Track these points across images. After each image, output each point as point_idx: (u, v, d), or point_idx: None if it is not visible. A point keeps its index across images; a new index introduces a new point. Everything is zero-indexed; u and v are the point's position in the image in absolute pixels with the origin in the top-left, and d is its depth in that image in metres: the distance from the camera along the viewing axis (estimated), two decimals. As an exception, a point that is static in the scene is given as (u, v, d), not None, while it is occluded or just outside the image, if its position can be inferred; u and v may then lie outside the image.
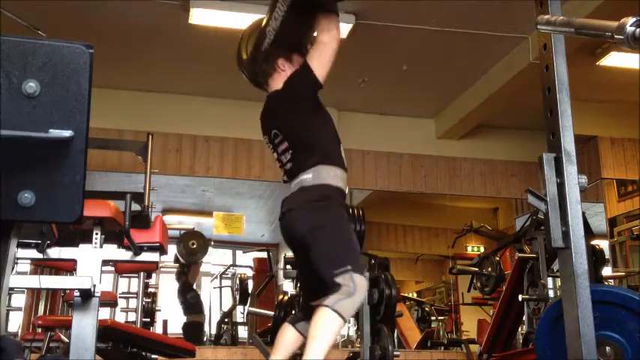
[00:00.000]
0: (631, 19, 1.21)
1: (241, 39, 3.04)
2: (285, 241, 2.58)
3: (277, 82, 2.73)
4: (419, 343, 6.76)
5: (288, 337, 2.50)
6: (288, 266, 4.89)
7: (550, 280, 4.74)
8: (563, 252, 1.63)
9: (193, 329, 6.69)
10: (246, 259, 7.38)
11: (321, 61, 2.57)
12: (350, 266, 2.29)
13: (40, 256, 2.53)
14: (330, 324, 2.22)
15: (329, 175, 2.51)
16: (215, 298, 7.14)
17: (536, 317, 4.61)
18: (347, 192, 2.63)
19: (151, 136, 5.36)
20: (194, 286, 6.94)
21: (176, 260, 6.80)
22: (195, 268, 6.91)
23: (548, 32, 1.68)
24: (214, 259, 7.18)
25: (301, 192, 2.52)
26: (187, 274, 6.86)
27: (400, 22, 4.96)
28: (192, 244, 6.54)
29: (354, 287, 2.26)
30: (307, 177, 2.51)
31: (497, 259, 5.44)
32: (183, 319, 6.76)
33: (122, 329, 3.24)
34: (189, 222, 7.03)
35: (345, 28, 4.92)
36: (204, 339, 6.82)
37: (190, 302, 6.78)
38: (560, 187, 1.64)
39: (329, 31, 2.56)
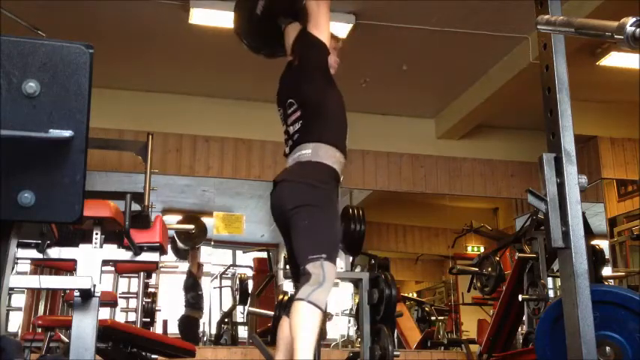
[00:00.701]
0: (631, 19, 1.21)
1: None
2: (273, 212, 2.60)
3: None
4: (419, 343, 6.76)
5: (284, 330, 2.50)
6: (288, 266, 4.89)
7: (550, 280, 4.75)
8: (563, 252, 1.63)
9: (188, 324, 6.73)
10: (246, 259, 7.38)
11: (318, 28, 2.64)
12: (325, 254, 2.33)
13: (40, 256, 2.53)
14: (309, 317, 2.24)
15: (327, 155, 2.53)
16: (215, 298, 7.14)
17: (536, 317, 4.61)
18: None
19: (151, 136, 5.36)
20: (200, 282, 6.97)
21: (176, 252, 6.86)
22: (193, 254, 6.94)
23: (548, 32, 1.68)
24: (214, 259, 7.18)
25: (296, 166, 2.55)
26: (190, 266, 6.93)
27: (400, 22, 4.96)
28: (192, 229, 6.59)
29: (323, 276, 2.29)
30: (306, 152, 2.54)
31: (497, 259, 5.44)
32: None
33: (122, 329, 3.24)
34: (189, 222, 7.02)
35: (345, 28, 4.92)
36: (203, 337, 6.82)
37: (190, 302, 6.83)
38: (560, 187, 1.64)
39: None
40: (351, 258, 5.44)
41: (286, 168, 2.61)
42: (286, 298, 4.63)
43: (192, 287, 6.90)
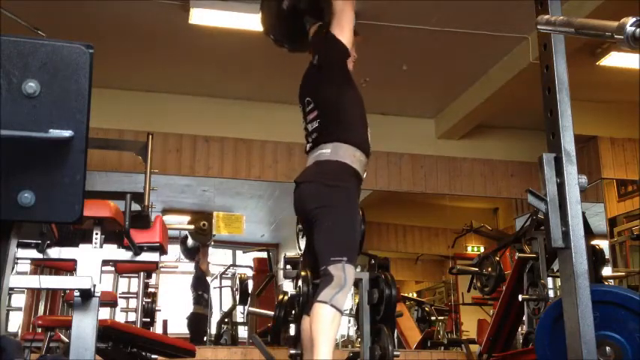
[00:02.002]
0: (631, 19, 1.21)
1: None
2: (296, 211, 2.63)
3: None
4: (419, 343, 6.76)
5: (308, 328, 2.50)
6: (288, 266, 4.89)
7: (550, 280, 4.74)
8: (563, 252, 1.63)
9: (197, 322, 6.79)
10: (246, 259, 7.38)
11: (341, 29, 2.65)
12: (346, 257, 2.36)
13: (40, 256, 2.53)
14: (330, 320, 2.28)
15: (346, 154, 2.54)
16: (215, 298, 7.14)
17: (536, 317, 4.61)
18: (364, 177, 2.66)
19: (151, 136, 5.36)
20: (207, 277, 7.02)
21: (185, 250, 6.90)
22: (204, 251, 6.99)
23: (548, 32, 1.68)
24: (214, 259, 7.18)
25: (316, 166, 2.56)
26: (199, 263, 6.96)
27: (400, 22, 4.96)
28: (204, 224, 6.66)
29: (345, 279, 2.33)
30: (325, 151, 2.55)
31: (497, 259, 5.43)
32: (184, 318, 6.82)
33: (122, 329, 3.24)
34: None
35: (345, 28, 4.92)
36: (208, 334, 6.84)
37: (199, 299, 6.89)
38: (560, 187, 1.64)
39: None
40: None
41: (307, 167, 2.63)
42: (286, 298, 4.63)
43: (202, 284, 6.94)
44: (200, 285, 6.95)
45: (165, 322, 6.52)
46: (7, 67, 1.05)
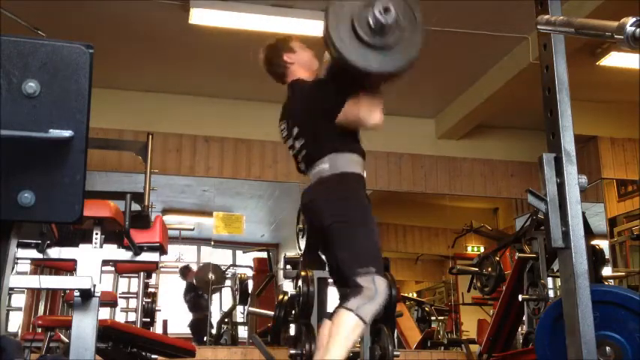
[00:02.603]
0: (631, 19, 1.21)
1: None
2: (308, 225, 2.57)
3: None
4: (419, 343, 6.76)
5: (326, 333, 2.43)
6: (288, 266, 4.89)
7: (550, 280, 4.74)
8: (563, 252, 1.63)
9: (198, 326, 6.86)
10: (246, 259, 7.38)
11: (345, 115, 2.51)
12: (373, 268, 2.29)
13: (40, 256, 2.53)
14: (352, 328, 2.23)
15: (345, 162, 2.50)
16: (215, 298, 7.14)
17: (536, 317, 4.61)
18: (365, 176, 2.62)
19: (150, 136, 5.37)
20: (194, 282, 7.07)
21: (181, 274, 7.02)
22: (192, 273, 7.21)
23: (548, 32, 1.68)
24: (214, 259, 7.18)
25: (320, 184, 2.50)
26: (186, 277, 7.08)
27: (400, 22, 4.95)
28: (212, 277, 6.74)
29: (376, 291, 2.25)
30: (324, 167, 2.50)
31: (497, 259, 5.44)
32: (184, 318, 6.91)
33: (122, 329, 3.24)
34: (189, 222, 7.03)
35: (345, 28, 4.92)
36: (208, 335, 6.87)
37: (190, 305, 6.97)
38: (560, 187, 1.64)
39: (351, 109, 2.48)
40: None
41: (310, 186, 2.56)
42: (286, 298, 4.63)
43: (190, 289, 7.00)
44: (189, 290, 7.01)
45: (165, 322, 6.52)
46: (7, 67, 1.05)
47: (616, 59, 5.47)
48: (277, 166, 6.43)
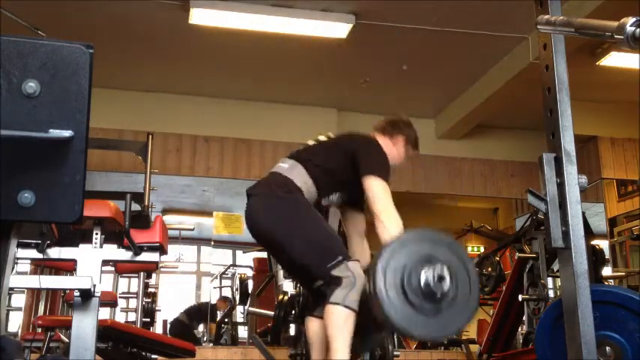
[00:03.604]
0: (631, 19, 1.21)
1: None
2: (247, 225, 2.55)
3: None
4: (419, 343, 6.75)
5: (315, 329, 2.48)
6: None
7: (550, 280, 4.74)
8: (563, 252, 1.63)
9: (176, 327, 6.80)
10: (246, 259, 7.37)
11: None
12: (341, 256, 2.32)
13: (40, 256, 2.53)
14: (345, 321, 2.25)
15: (299, 176, 2.52)
16: (215, 298, 7.13)
17: (536, 317, 4.60)
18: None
19: (150, 136, 5.37)
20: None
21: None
22: None
23: (548, 32, 1.68)
24: (214, 259, 7.18)
25: (269, 176, 2.57)
26: None
27: (400, 22, 4.96)
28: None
29: (354, 276, 2.28)
30: (284, 165, 2.57)
31: (497, 259, 5.43)
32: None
33: (122, 329, 3.24)
34: (189, 222, 7.03)
35: (345, 28, 4.92)
36: (203, 337, 6.85)
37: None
38: (560, 187, 1.64)
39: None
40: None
41: (261, 179, 2.63)
42: (286, 298, 4.63)
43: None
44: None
45: (165, 322, 6.52)
46: (7, 67, 1.04)
47: (616, 59, 5.47)
48: (277, 166, 6.43)
